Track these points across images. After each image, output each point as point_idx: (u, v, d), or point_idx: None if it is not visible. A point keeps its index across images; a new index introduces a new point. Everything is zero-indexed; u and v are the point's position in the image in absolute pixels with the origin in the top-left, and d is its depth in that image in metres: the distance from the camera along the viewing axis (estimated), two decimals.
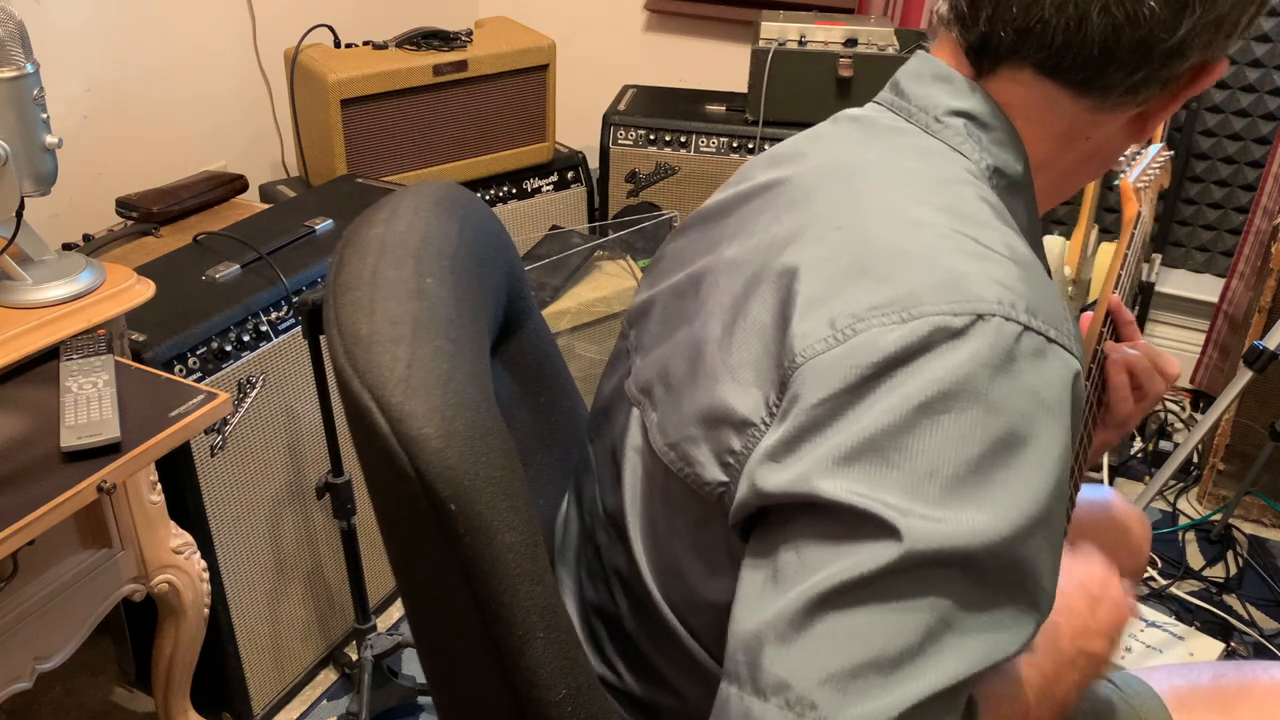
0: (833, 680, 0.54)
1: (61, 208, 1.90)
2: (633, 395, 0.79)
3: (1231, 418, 2.17)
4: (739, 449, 0.65)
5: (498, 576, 0.62)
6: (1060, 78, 0.70)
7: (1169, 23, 0.66)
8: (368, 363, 0.64)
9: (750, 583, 0.61)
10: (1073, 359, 0.62)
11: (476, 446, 0.62)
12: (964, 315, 0.59)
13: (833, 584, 0.56)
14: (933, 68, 0.76)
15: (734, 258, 0.73)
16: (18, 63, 1.16)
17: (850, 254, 0.64)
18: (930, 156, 0.72)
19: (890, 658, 0.55)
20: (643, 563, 0.76)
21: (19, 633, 1.23)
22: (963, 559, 0.56)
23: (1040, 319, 0.61)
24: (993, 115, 0.73)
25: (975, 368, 0.58)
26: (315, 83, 1.97)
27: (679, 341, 0.74)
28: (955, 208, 0.67)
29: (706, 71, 2.80)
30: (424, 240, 0.75)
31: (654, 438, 0.74)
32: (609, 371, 0.89)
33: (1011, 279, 0.62)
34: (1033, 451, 0.58)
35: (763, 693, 0.56)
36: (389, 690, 1.71)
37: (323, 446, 1.61)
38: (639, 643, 0.80)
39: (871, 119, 0.77)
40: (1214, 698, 0.98)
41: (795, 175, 0.75)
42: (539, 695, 0.64)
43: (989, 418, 0.57)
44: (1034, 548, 0.58)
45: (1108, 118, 0.73)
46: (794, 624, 0.56)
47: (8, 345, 1.18)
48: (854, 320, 0.61)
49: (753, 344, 0.66)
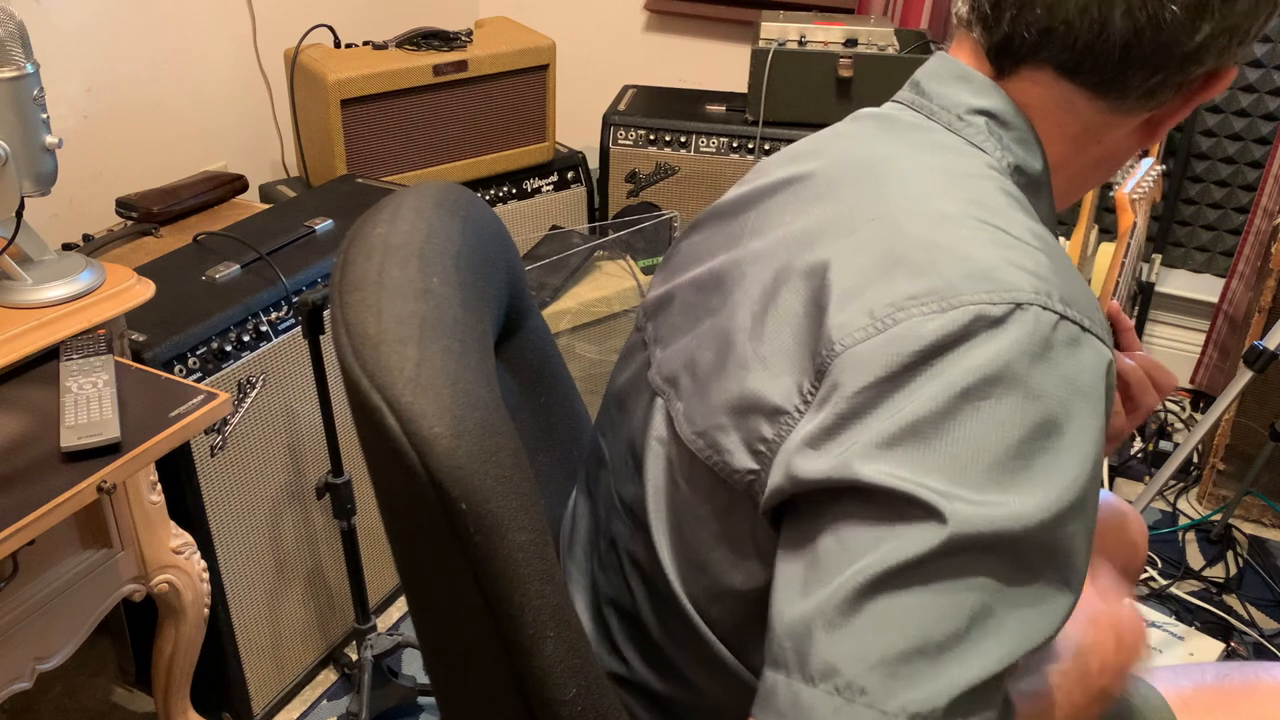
0: (883, 665, 0.55)
1: (61, 208, 1.89)
2: (656, 385, 0.80)
3: (1231, 418, 2.18)
4: (771, 437, 0.65)
5: (509, 576, 0.62)
6: (1080, 79, 0.71)
7: (1188, 27, 0.67)
8: (376, 363, 0.64)
9: (790, 570, 0.61)
10: (1105, 348, 0.63)
11: (486, 446, 0.62)
12: (1002, 304, 0.60)
13: (880, 569, 0.56)
14: (953, 68, 0.77)
15: (760, 250, 0.73)
16: (18, 63, 1.15)
17: (884, 246, 0.65)
18: (952, 153, 0.73)
19: (938, 642, 0.56)
20: (663, 552, 0.77)
21: (19, 633, 1.22)
22: (1005, 542, 0.56)
23: (1075, 309, 0.62)
24: (1014, 114, 0.74)
25: (1015, 355, 0.59)
26: (315, 83, 1.97)
27: (705, 333, 0.75)
28: (981, 200, 0.68)
29: (706, 71, 2.80)
30: (428, 240, 0.75)
31: (680, 427, 0.74)
32: (623, 365, 0.89)
33: (1044, 269, 0.63)
34: (1070, 437, 0.59)
35: (811, 679, 0.57)
36: (389, 690, 1.71)
37: (323, 446, 1.60)
38: (653, 634, 0.80)
39: (892, 116, 0.78)
40: (1218, 698, 0.98)
41: (818, 170, 0.75)
42: (550, 695, 0.64)
43: (1028, 404, 0.58)
44: (1071, 531, 0.59)
45: (1121, 120, 0.74)
46: (841, 610, 0.57)
47: (8, 345, 1.17)
48: (893, 309, 0.61)
49: (784, 333, 0.67)
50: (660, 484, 0.77)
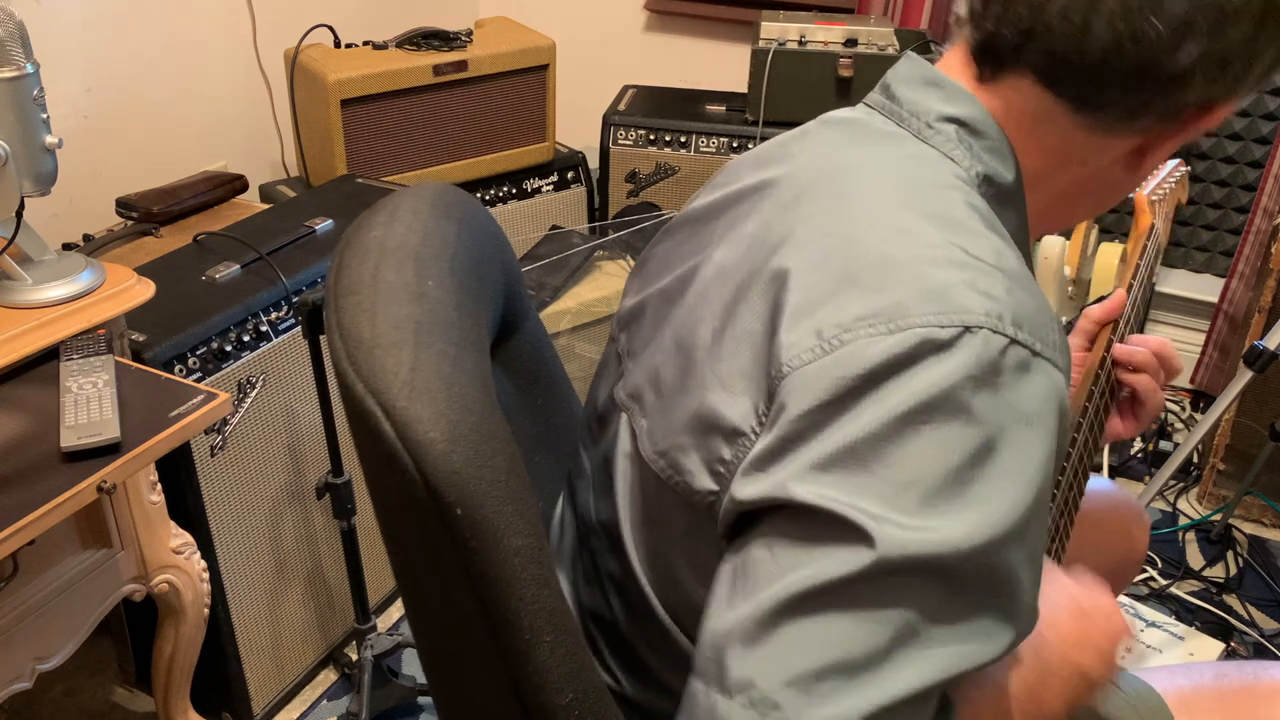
0: (797, 682, 0.55)
1: (61, 208, 1.90)
2: (622, 401, 0.79)
3: (1231, 418, 2.17)
4: (729, 458, 0.65)
5: (504, 581, 0.62)
6: (1059, 89, 0.69)
7: (1170, 47, 0.65)
8: (371, 367, 0.64)
9: (723, 581, 0.61)
10: (1057, 372, 0.62)
11: (482, 450, 0.62)
12: (951, 327, 0.59)
13: (803, 587, 0.56)
14: (923, 71, 0.75)
15: (722, 262, 0.72)
16: (18, 63, 1.15)
17: (838, 262, 0.64)
18: (920, 162, 0.72)
19: (856, 661, 0.55)
20: (638, 569, 0.76)
21: (19, 633, 1.23)
22: (935, 567, 0.56)
23: (1026, 331, 0.60)
24: (986, 121, 0.72)
25: (960, 380, 0.58)
26: (315, 83, 1.97)
27: (668, 347, 0.74)
28: (945, 214, 0.67)
29: (706, 71, 2.80)
30: (423, 243, 0.75)
31: (643, 445, 0.73)
32: (599, 377, 0.88)
33: (999, 290, 0.61)
34: (1010, 463, 0.58)
35: (728, 690, 0.57)
36: (389, 690, 1.71)
37: (323, 446, 1.60)
38: (637, 648, 0.80)
39: (862, 122, 0.77)
40: (1216, 698, 0.98)
41: (783, 177, 0.74)
42: (546, 699, 0.64)
43: (969, 429, 0.58)
44: (1010, 558, 0.58)
45: (1103, 142, 0.72)
46: (762, 624, 0.57)
47: (8, 345, 1.17)
48: (840, 330, 0.61)
49: (742, 352, 0.66)
50: (629, 502, 0.77)
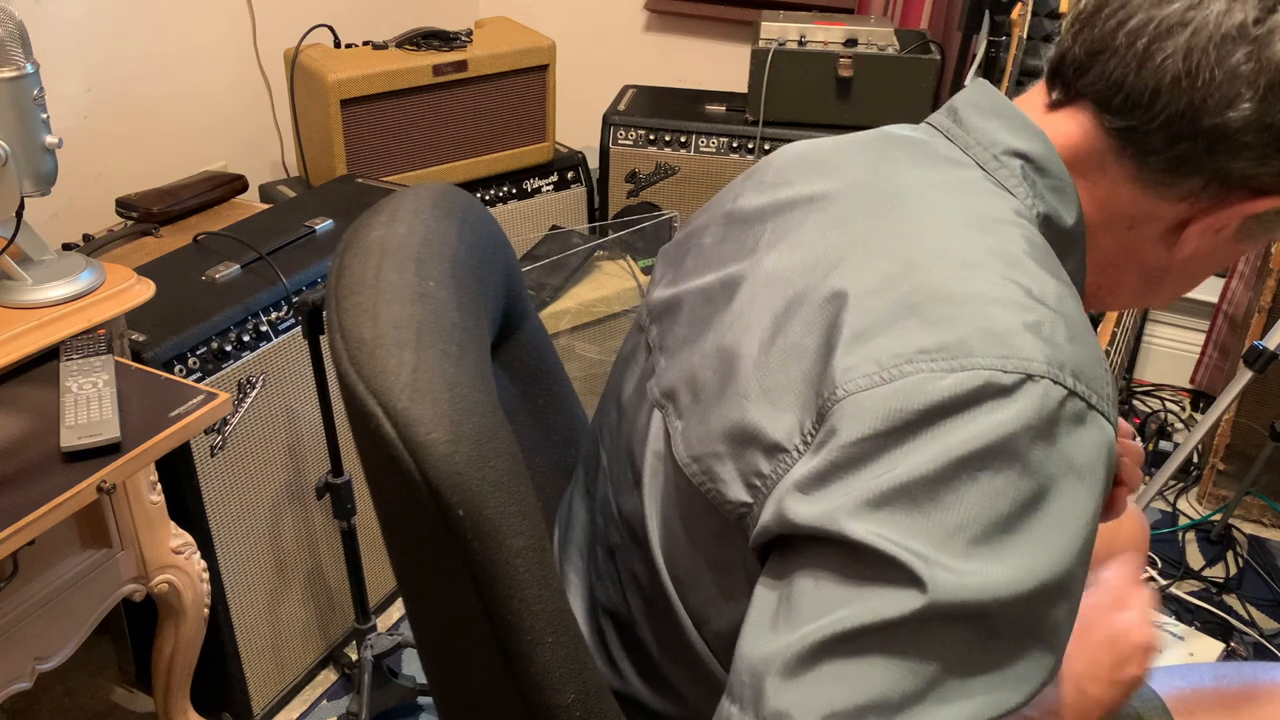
0: (834, 718, 0.55)
1: (61, 208, 1.90)
2: (655, 398, 0.78)
3: (1231, 418, 2.17)
4: (767, 472, 0.64)
5: (506, 582, 0.62)
6: (1109, 119, 0.69)
7: (1224, 96, 0.64)
8: (372, 368, 0.63)
9: (764, 606, 0.61)
10: (1109, 425, 0.62)
11: (484, 451, 0.62)
12: (1014, 374, 0.58)
13: (849, 626, 0.56)
14: (993, 100, 0.75)
15: (773, 271, 0.71)
16: (18, 63, 1.15)
17: (901, 290, 0.63)
18: (984, 194, 0.71)
19: (892, 703, 0.55)
20: (662, 568, 0.75)
21: (19, 633, 1.23)
22: (979, 613, 0.56)
23: (1084, 383, 0.60)
24: (1051, 160, 0.71)
25: (1019, 429, 0.57)
26: (315, 83, 1.97)
27: (708, 350, 0.73)
28: (1008, 251, 0.66)
29: (706, 71, 2.80)
30: (424, 243, 0.74)
31: (677, 447, 0.72)
32: (623, 366, 0.87)
33: (1061, 337, 0.61)
34: (1059, 514, 0.58)
35: (763, 719, 0.56)
36: (389, 690, 1.71)
37: (323, 446, 1.60)
38: (650, 648, 0.79)
39: (926, 144, 0.76)
40: (1216, 700, 0.98)
41: (841, 191, 0.73)
42: (548, 700, 0.64)
43: (1023, 479, 0.57)
44: (1051, 608, 0.58)
45: (1148, 204, 0.71)
46: (803, 659, 0.56)
47: (8, 345, 1.17)
48: (901, 361, 0.60)
49: (791, 368, 0.65)
50: (659, 501, 0.76)
